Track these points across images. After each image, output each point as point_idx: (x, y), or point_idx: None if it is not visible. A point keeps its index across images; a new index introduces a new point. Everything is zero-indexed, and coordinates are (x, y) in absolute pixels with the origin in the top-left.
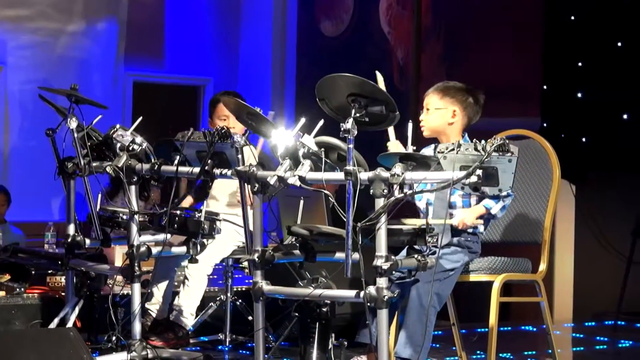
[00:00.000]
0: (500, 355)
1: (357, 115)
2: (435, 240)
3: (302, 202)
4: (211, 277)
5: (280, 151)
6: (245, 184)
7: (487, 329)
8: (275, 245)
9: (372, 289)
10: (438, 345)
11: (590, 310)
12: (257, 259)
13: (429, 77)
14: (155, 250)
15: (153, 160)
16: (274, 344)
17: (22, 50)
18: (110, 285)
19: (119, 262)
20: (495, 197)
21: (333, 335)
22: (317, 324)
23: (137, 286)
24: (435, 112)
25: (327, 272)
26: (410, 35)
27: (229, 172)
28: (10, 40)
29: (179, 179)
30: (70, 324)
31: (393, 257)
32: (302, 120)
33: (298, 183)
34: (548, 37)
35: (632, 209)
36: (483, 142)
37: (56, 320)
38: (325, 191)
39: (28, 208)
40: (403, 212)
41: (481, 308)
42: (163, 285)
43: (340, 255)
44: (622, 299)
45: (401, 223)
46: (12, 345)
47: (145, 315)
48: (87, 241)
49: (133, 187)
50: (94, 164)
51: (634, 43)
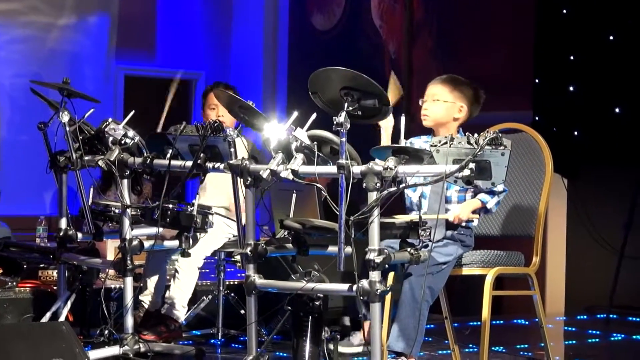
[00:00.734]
0: (493, 348)
1: (350, 108)
2: (428, 233)
3: (294, 195)
4: (203, 271)
5: (272, 145)
6: (238, 178)
7: (479, 323)
8: (267, 239)
9: (364, 283)
10: (430, 339)
11: (582, 304)
12: (249, 253)
13: (421, 70)
14: (147, 244)
15: (145, 154)
16: (267, 337)
17: (13, 44)
18: (103, 279)
19: (111, 256)
20: (491, 193)
21: (325, 328)
22: (310, 317)
23: (129, 280)
24: (443, 104)
25: (320, 266)
26: (402, 29)
27: (222, 166)
28: (2, 34)
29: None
30: (62, 318)
31: (386, 250)
32: (295, 114)
33: (291, 176)
34: (540, 31)
35: (624, 203)
36: (476, 135)
37: (48, 315)
38: (318, 185)
39: (20, 202)
40: (393, 208)
41: (474, 301)
42: (155, 278)
43: (332, 248)
44: (614, 293)
45: (392, 218)
46: (4, 340)
47: (137, 307)
48: (79, 235)
49: (125, 181)
50: (86, 158)
51: (626, 37)
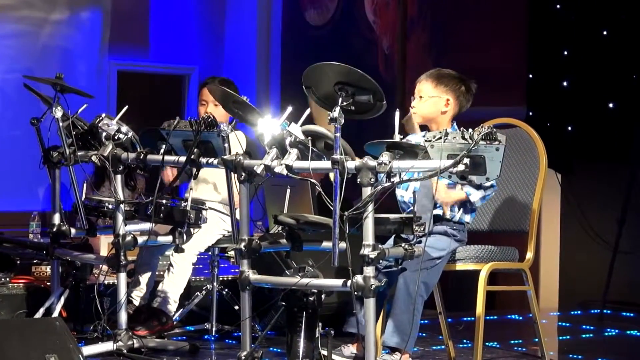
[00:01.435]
0: (487, 344)
1: (344, 103)
2: (422, 228)
3: (288, 191)
4: (197, 266)
5: (266, 140)
6: (232, 173)
7: (473, 318)
8: (261, 235)
9: (359, 278)
10: (425, 334)
11: (576, 299)
12: (243, 248)
13: (415, 66)
14: (141, 239)
15: (139, 149)
16: (261, 333)
17: (5, 39)
18: (96, 275)
19: (104, 251)
20: (478, 187)
21: (320, 324)
22: (304, 313)
23: (122, 276)
24: (429, 100)
25: (314, 261)
26: (395, 24)
27: (216, 161)
28: None
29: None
30: (55, 314)
31: (380, 245)
32: (289, 109)
33: (285, 172)
34: (533, 26)
35: (617, 198)
36: (470, 130)
37: (42, 310)
38: (312, 180)
39: (12, 198)
40: (390, 207)
41: (468, 297)
42: (147, 274)
43: (327, 244)
44: (608, 288)
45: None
46: None
47: (128, 304)
48: (73, 231)
49: (119, 177)
50: (80, 153)
51: (619, 31)
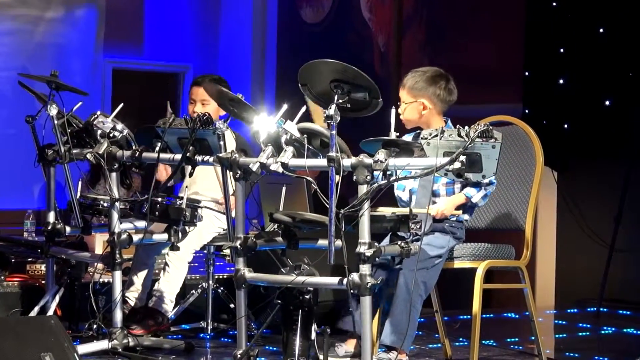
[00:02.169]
0: (483, 342)
1: (340, 101)
2: (418, 226)
3: (284, 188)
4: (192, 264)
5: (262, 138)
6: (227, 171)
7: (470, 316)
8: (257, 233)
9: (355, 276)
10: (421, 332)
11: (572, 297)
12: (239, 246)
13: (410, 63)
14: (136, 237)
15: (134, 147)
16: (256, 331)
17: (0, 37)
18: (91, 273)
19: (99, 250)
20: (477, 185)
21: (315, 323)
22: (300, 311)
23: (118, 274)
24: (407, 105)
25: (310, 260)
26: (391, 21)
27: (211, 159)
28: None
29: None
30: (50, 312)
31: (376, 244)
32: (284, 107)
33: (281, 170)
34: (530, 23)
35: (614, 196)
36: (467, 128)
37: (36, 309)
38: (308, 177)
39: (7, 196)
40: (382, 201)
41: (464, 295)
42: (142, 273)
43: (322, 242)
44: (604, 286)
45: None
46: None
47: (124, 304)
48: (68, 229)
49: (114, 174)
50: (75, 151)
51: (616, 29)
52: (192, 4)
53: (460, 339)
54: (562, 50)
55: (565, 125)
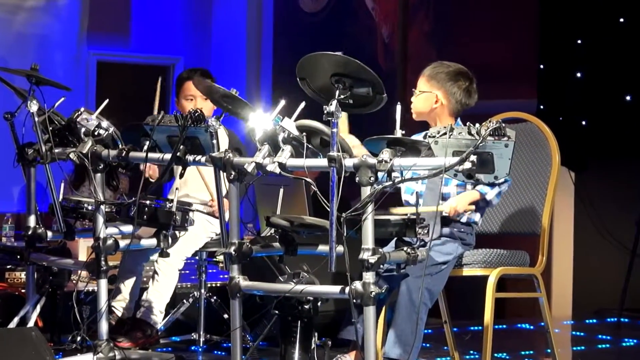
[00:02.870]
0: (496, 355)
1: (342, 96)
2: (425, 231)
3: (281, 190)
4: (183, 272)
5: (258, 136)
6: (221, 172)
7: (481, 327)
8: (252, 238)
9: (358, 285)
10: (429, 345)
11: (591, 307)
12: (233, 253)
13: (417, 56)
14: (123, 243)
15: (120, 146)
16: (252, 344)
17: None
18: (75, 282)
19: (83, 256)
20: (491, 184)
21: (316, 334)
22: (299, 322)
23: (103, 282)
24: (421, 95)
25: (309, 267)
26: (396, 11)
27: (203, 159)
28: None
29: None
30: (31, 324)
31: (380, 249)
32: (282, 103)
33: (278, 170)
34: (545, 13)
35: (635, 198)
36: (477, 125)
37: (16, 320)
38: (307, 179)
39: None
40: (388, 203)
41: (475, 304)
42: (130, 282)
43: (323, 248)
44: (625, 294)
45: (389, 213)
46: None
47: (110, 314)
48: (49, 234)
49: (99, 175)
50: (57, 150)
51: (638, 19)
52: None
53: (471, 352)
54: (579, 41)
55: (583, 122)
